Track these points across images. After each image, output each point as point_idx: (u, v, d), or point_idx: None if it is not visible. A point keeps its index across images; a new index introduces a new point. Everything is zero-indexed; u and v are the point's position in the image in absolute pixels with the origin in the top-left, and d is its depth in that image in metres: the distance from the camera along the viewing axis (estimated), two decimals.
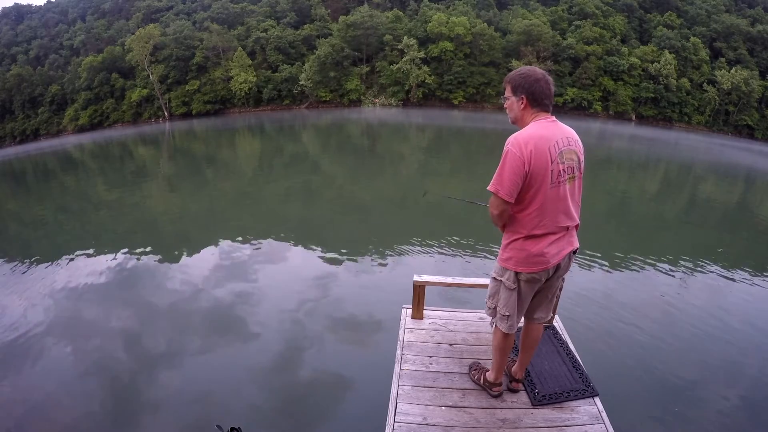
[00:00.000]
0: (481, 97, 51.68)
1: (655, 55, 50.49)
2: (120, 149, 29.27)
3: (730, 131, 49.67)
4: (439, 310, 3.47)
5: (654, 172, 18.88)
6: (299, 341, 4.73)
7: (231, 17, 60.70)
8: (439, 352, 2.94)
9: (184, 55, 54.37)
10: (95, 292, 6.16)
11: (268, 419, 3.70)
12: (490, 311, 2.38)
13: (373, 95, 53.36)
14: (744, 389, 4.00)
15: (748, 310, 5.61)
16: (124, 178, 16.88)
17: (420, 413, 2.41)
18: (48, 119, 58.66)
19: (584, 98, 49.93)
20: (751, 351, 4.60)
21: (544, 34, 49.85)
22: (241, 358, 4.47)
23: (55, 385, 4.16)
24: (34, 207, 13.17)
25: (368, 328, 4.95)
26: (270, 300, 5.69)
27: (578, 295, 5.49)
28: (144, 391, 4.03)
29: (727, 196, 14.58)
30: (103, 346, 4.76)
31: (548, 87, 2.07)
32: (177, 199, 12.76)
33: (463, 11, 54.45)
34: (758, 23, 54.31)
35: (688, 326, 5.10)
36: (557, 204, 2.07)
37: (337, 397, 3.90)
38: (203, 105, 54.23)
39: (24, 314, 5.52)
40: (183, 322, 5.23)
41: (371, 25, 52.49)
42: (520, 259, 2.14)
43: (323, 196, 12.38)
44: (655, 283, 6.22)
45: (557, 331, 3.16)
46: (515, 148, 1.98)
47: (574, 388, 2.58)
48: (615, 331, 4.86)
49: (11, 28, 69.47)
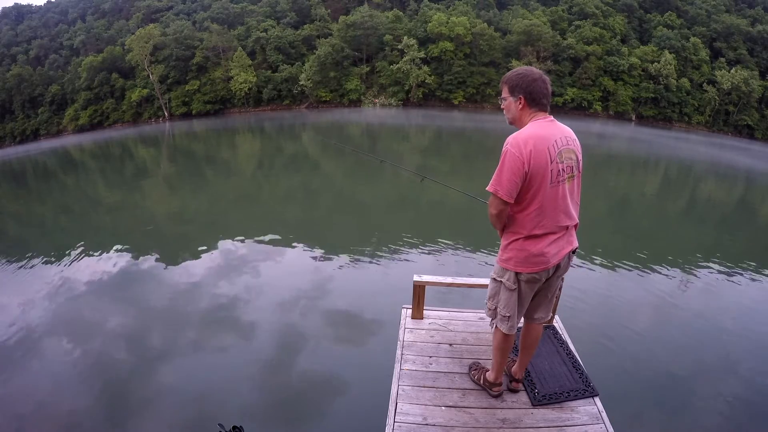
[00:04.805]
0: (481, 97, 51.63)
1: (655, 55, 50.42)
2: (120, 149, 29.26)
3: (730, 131, 49.62)
4: (439, 310, 3.46)
5: (653, 171, 18.87)
6: (299, 341, 4.73)
7: (231, 17, 60.66)
8: (439, 352, 2.94)
9: (184, 55, 54.29)
10: (95, 292, 6.16)
11: (268, 419, 3.71)
12: (491, 312, 2.37)
13: (373, 95, 53.30)
14: (742, 388, 4.01)
15: (746, 309, 5.62)
16: (124, 179, 16.89)
17: (420, 413, 2.41)
18: (48, 119, 58.56)
19: (584, 98, 49.89)
20: (749, 350, 4.61)
21: (544, 34, 49.77)
22: (240, 357, 4.48)
23: (55, 384, 4.16)
24: (34, 207, 13.17)
25: (368, 328, 4.96)
26: (270, 300, 5.69)
27: (578, 294, 5.49)
28: (144, 390, 4.03)
29: (726, 195, 14.58)
30: (103, 346, 4.76)
31: (546, 87, 2.07)
32: (177, 199, 12.76)
33: (463, 11, 54.36)
34: (758, 23, 54.23)
35: (688, 326, 5.11)
36: (557, 203, 2.07)
37: (337, 397, 3.91)
38: (203, 105, 54.16)
39: (24, 314, 5.53)
40: (183, 321, 5.23)
41: (371, 25, 52.44)
42: (520, 260, 2.14)
43: (323, 195, 12.38)
44: (655, 282, 6.22)
45: (557, 331, 3.16)
46: (514, 148, 1.97)
47: (574, 388, 2.58)
48: (615, 330, 4.86)
49: (11, 28, 69.33)
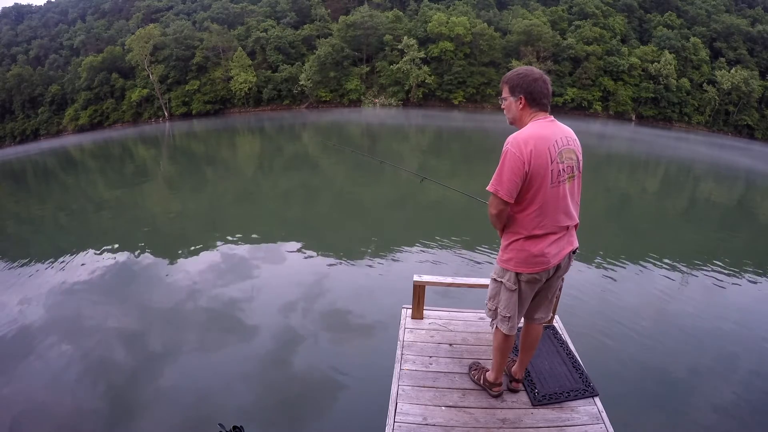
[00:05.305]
0: (481, 97, 51.64)
1: (655, 55, 50.43)
2: (120, 149, 29.25)
3: (730, 131, 49.64)
4: (439, 310, 3.46)
5: (653, 171, 18.86)
6: (299, 341, 4.73)
7: (231, 17, 60.65)
8: (439, 352, 2.94)
9: (184, 55, 54.28)
10: (95, 292, 6.16)
11: (268, 419, 3.71)
12: (491, 313, 2.37)
13: (373, 95, 53.30)
14: (742, 388, 4.01)
15: (746, 309, 5.62)
16: (123, 179, 16.89)
17: (420, 413, 2.40)
18: (48, 119, 58.55)
19: (584, 98, 49.90)
20: (749, 350, 4.61)
21: (544, 34, 49.79)
22: (240, 357, 4.47)
23: (55, 383, 4.16)
24: (34, 207, 13.17)
25: (368, 328, 4.96)
26: (269, 300, 5.69)
27: (578, 294, 5.49)
28: (144, 390, 4.03)
29: (726, 196, 14.57)
30: (103, 346, 4.76)
31: (546, 87, 2.07)
32: (176, 199, 12.76)
33: (463, 11, 54.38)
34: (758, 23, 54.25)
35: (687, 326, 5.11)
36: (557, 204, 2.06)
37: (337, 397, 3.91)
38: (203, 105, 54.16)
39: (23, 313, 5.52)
40: (183, 321, 5.23)
41: (371, 25, 52.44)
42: (521, 260, 2.13)
43: (323, 196, 12.38)
44: (655, 283, 6.22)
45: (557, 331, 3.16)
46: (515, 148, 1.97)
47: (574, 388, 2.58)
48: (615, 330, 4.86)
49: (11, 28, 69.30)
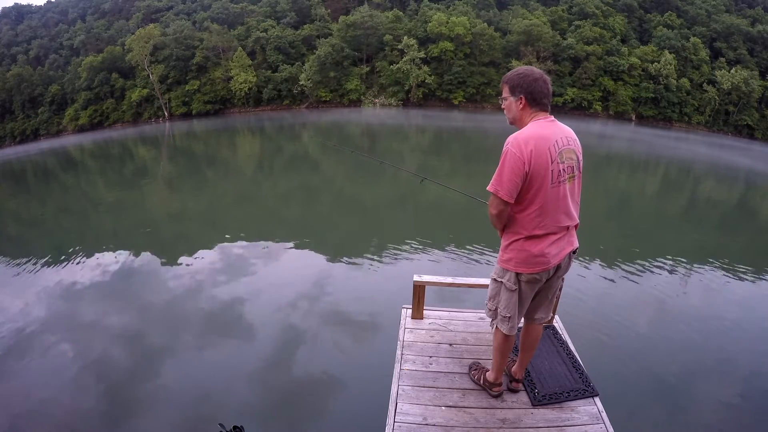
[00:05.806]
0: (481, 97, 51.63)
1: (655, 55, 50.40)
2: (120, 149, 29.25)
3: (730, 131, 49.62)
4: (439, 310, 3.46)
5: (653, 171, 18.86)
6: (299, 341, 4.73)
7: (231, 17, 60.63)
8: (439, 352, 2.94)
9: (184, 55, 54.27)
10: (95, 292, 6.16)
11: (268, 418, 3.71)
12: (491, 313, 2.37)
13: (373, 95, 53.28)
14: (742, 388, 4.01)
15: (745, 309, 5.61)
16: (123, 179, 16.89)
17: (420, 413, 2.40)
18: (48, 119, 58.52)
19: (584, 98, 49.88)
20: (749, 350, 4.61)
21: (544, 34, 49.77)
22: (240, 357, 4.47)
23: (55, 383, 4.16)
24: (34, 207, 13.17)
25: (368, 328, 4.96)
26: (269, 300, 5.69)
27: (578, 294, 5.49)
28: (144, 390, 4.03)
29: (726, 196, 14.57)
30: (103, 345, 4.76)
31: (546, 86, 2.07)
32: (176, 200, 12.76)
33: (463, 11, 54.35)
34: (758, 23, 54.23)
35: (687, 326, 5.11)
36: (558, 204, 2.06)
37: (337, 397, 3.91)
38: (203, 105, 54.13)
39: (23, 313, 5.52)
40: (183, 321, 5.23)
41: (371, 25, 52.42)
42: (521, 260, 2.13)
43: (323, 196, 12.38)
44: (655, 282, 6.22)
45: (557, 331, 3.16)
46: (515, 148, 1.97)
47: (574, 388, 2.58)
48: (615, 330, 4.86)
49: (11, 28, 69.31)
